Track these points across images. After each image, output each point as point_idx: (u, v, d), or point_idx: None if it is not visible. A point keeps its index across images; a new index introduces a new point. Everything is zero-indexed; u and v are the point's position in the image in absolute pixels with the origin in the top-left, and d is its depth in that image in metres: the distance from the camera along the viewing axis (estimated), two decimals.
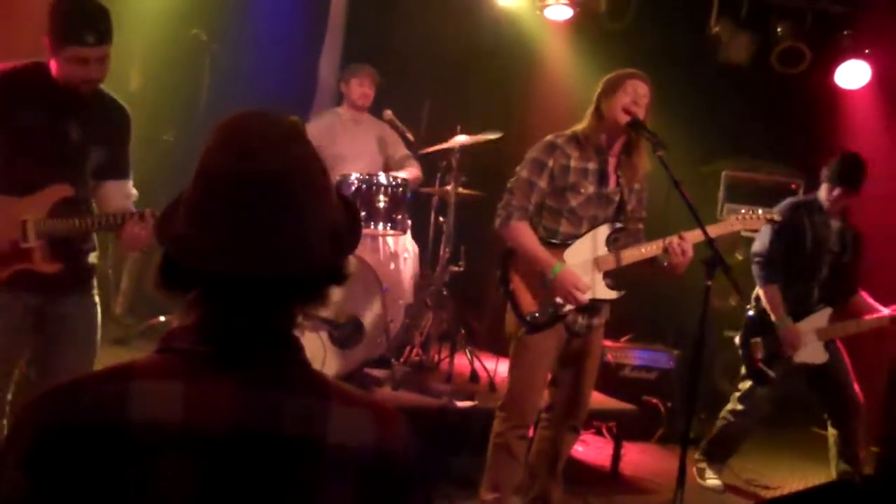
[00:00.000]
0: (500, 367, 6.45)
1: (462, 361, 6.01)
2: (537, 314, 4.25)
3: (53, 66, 3.53)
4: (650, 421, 6.50)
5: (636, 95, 4.21)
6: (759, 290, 5.53)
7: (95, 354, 3.81)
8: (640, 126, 4.21)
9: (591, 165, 4.24)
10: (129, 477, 1.29)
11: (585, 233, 4.28)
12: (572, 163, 4.22)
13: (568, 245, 4.26)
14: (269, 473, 1.34)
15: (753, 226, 4.59)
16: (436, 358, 6.08)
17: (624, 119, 4.18)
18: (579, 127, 4.30)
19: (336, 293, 1.50)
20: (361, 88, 6.61)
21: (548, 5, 7.54)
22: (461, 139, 6.03)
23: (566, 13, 7.58)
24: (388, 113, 6.55)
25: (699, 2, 7.84)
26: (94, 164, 3.70)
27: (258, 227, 1.37)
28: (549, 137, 4.30)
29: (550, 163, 4.21)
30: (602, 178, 4.27)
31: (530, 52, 7.95)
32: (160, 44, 6.62)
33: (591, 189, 4.24)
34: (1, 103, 3.51)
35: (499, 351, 7.11)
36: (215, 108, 6.70)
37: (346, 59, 7.39)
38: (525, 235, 4.24)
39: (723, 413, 5.82)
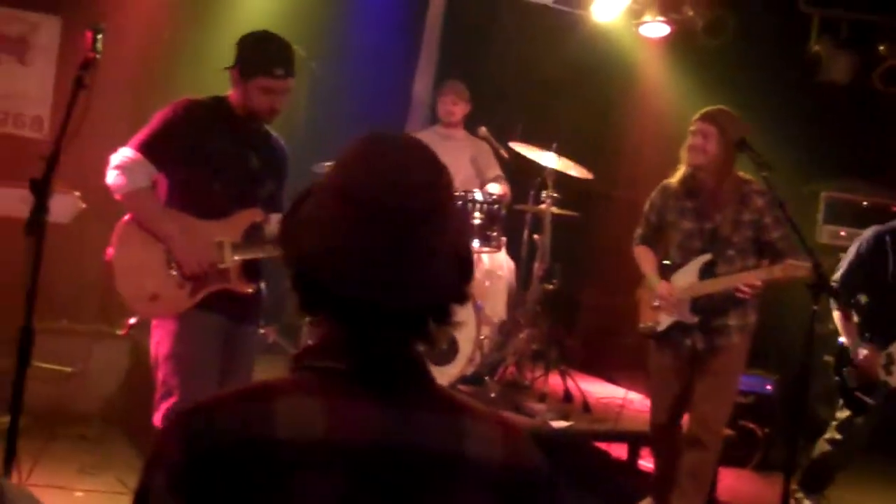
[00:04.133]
0: (592, 388, 6.41)
1: (555, 381, 5.97)
2: (641, 326, 4.92)
3: (235, 96, 3.81)
4: (747, 446, 6.36)
5: (690, 134, 4.65)
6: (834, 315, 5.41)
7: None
8: (745, 146, 4.53)
9: (689, 204, 4.72)
10: (278, 493, 1.29)
11: (686, 263, 4.73)
12: (671, 202, 4.78)
13: (675, 271, 4.78)
14: (411, 488, 1.35)
15: (794, 274, 4.48)
16: (529, 376, 6.04)
17: (686, 159, 4.66)
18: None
19: None
20: (445, 106, 6.65)
21: (644, 22, 7.47)
22: (552, 158, 6.02)
23: (662, 30, 7.50)
24: (483, 130, 6.55)
25: (799, 20, 7.69)
26: (265, 194, 3.89)
27: (404, 258, 1.38)
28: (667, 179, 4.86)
29: (658, 201, 4.84)
30: (700, 214, 4.71)
31: (625, 70, 7.88)
32: None
33: (688, 226, 4.72)
34: (193, 132, 3.74)
35: (592, 371, 7.07)
36: (312, 124, 6.79)
37: (441, 77, 7.42)
38: (640, 256, 4.96)
39: (819, 442, 5.66)
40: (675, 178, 4.76)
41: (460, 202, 5.81)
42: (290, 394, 1.37)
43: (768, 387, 6.71)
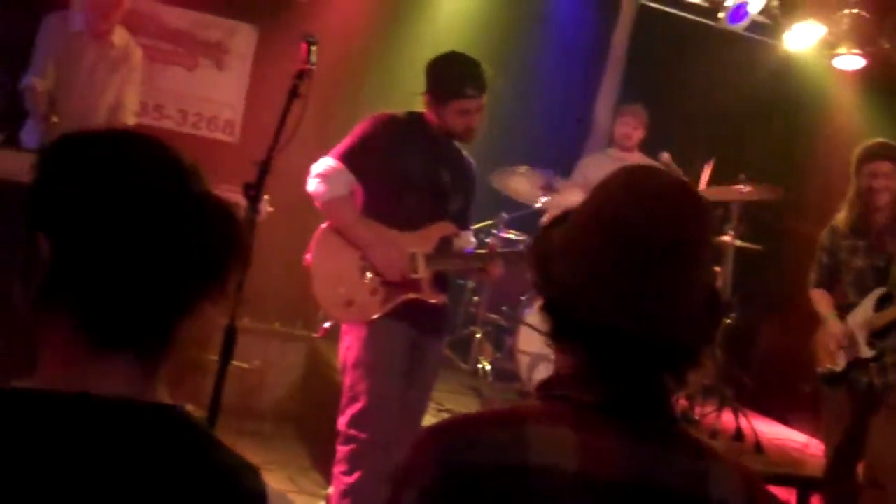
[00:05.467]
0: (765, 428, 6.20)
1: (727, 418, 5.79)
2: (819, 370, 4.72)
3: (432, 116, 3.92)
4: None
5: (872, 178, 4.55)
6: None
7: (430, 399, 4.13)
8: None
9: (860, 242, 4.62)
10: None
11: (862, 300, 4.61)
12: (843, 241, 4.69)
13: (850, 310, 4.66)
14: None
15: None
16: (698, 411, 5.88)
17: (871, 201, 4.55)
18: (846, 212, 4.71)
19: None
20: (624, 129, 6.58)
21: (838, 54, 7.19)
22: (742, 188, 5.87)
23: (858, 63, 7.21)
24: (666, 156, 6.43)
25: None
26: (454, 209, 3.96)
27: (658, 291, 1.38)
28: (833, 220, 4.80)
29: (827, 243, 4.76)
30: (871, 251, 4.61)
31: (817, 103, 7.61)
32: None
33: (860, 264, 4.62)
34: (390, 146, 3.87)
35: (765, 410, 6.84)
36: (492, 139, 6.81)
37: (623, 101, 7.35)
38: (816, 300, 4.86)
39: None
40: (841, 217, 4.70)
41: None
42: (542, 422, 1.37)
43: None
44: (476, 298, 6.33)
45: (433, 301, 3.90)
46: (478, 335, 6.12)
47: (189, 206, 1.23)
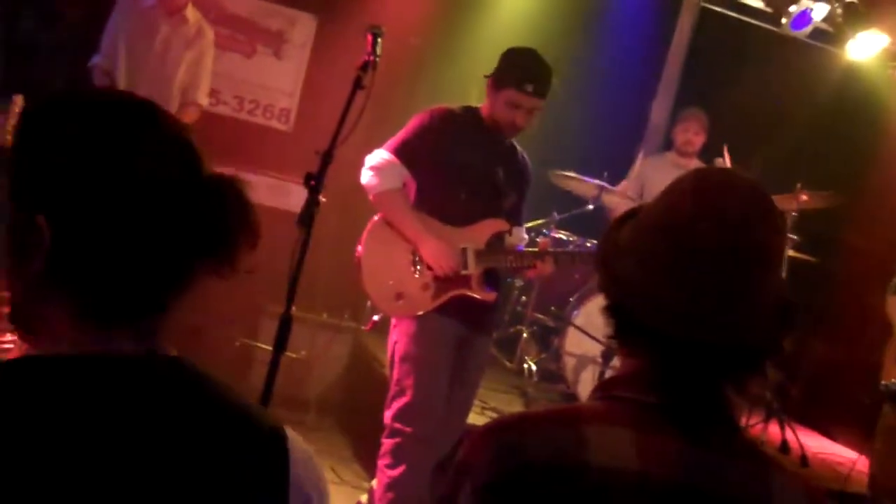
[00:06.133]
0: (808, 441, 6.13)
1: (774, 430, 5.73)
2: (883, 384, 4.54)
3: (486, 106, 3.90)
4: None
5: None
6: None
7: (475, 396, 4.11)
8: None
9: None
10: None
11: None
12: None
13: None
14: None
15: None
16: (744, 422, 5.82)
17: None
18: None
19: None
20: (686, 134, 6.51)
21: None
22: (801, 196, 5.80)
23: None
24: (720, 161, 6.36)
25: None
26: (507, 206, 3.92)
27: (723, 296, 1.35)
28: None
29: None
30: None
31: (877, 113, 7.48)
32: None
33: None
34: (446, 140, 3.86)
35: (813, 424, 6.76)
36: (545, 137, 6.78)
37: (680, 104, 7.29)
38: (891, 308, 4.72)
39: None
40: None
41: None
42: (599, 421, 1.36)
43: None
44: (524, 298, 6.30)
45: (482, 298, 3.89)
46: (524, 334, 6.10)
47: (195, 185, 1.21)
